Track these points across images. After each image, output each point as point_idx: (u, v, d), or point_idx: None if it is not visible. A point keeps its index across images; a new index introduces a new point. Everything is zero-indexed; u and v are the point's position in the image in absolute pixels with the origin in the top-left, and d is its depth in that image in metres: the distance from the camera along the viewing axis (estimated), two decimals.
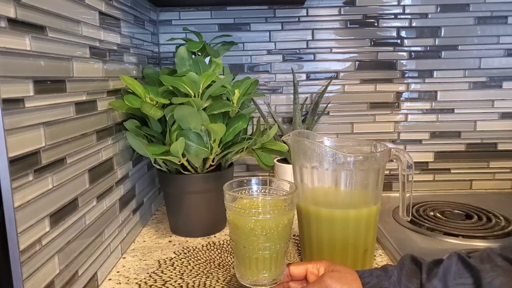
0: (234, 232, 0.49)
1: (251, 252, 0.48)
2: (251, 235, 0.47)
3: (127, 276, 0.62)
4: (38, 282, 0.43)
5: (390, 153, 0.60)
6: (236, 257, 0.50)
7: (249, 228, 0.47)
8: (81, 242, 0.53)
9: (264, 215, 0.47)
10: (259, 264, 0.48)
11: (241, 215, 0.47)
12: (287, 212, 0.48)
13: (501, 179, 1.03)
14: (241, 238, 0.48)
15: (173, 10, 0.97)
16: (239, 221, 0.48)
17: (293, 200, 0.49)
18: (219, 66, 0.76)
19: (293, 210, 0.49)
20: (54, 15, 0.47)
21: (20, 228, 0.40)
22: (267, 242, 0.47)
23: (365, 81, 0.99)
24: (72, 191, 0.51)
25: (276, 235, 0.47)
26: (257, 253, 0.47)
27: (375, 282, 0.45)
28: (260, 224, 0.47)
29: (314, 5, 0.97)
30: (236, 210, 0.48)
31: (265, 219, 0.47)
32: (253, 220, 0.47)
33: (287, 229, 0.49)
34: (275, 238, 0.47)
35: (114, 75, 0.66)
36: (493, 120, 1.00)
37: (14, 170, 0.39)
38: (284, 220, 0.48)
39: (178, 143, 0.65)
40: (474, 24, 0.97)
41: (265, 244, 0.47)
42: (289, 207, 0.48)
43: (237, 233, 0.48)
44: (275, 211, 0.47)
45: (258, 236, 0.47)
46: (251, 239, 0.47)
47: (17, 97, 0.40)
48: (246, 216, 0.47)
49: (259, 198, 0.52)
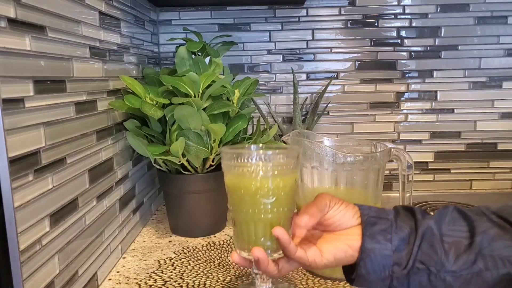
0: (235, 196, 0.45)
1: (255, 216, 0.44)
2: (256, 196, 0.43)
3: (127, 276, 0.62)
4: (38, 282, 0.43)
5: (390, 153, 0.60)
6: (237, 226, 0.46)
7: (255, 188, 0.43)
8: (81, 242, 0.53)
9: (273, 172, 0.43)
10: (263, 230, 0.44)
11: (246, 175, 0.43)
12: (295, 170, 0.45)
13: (501, 179, 1.03)
14: (244, 202, 0.44)
15: (173, 10, 0.97)
16: (242, 182, 0.44)
17: (300, 157, 0.45)
18: (219, 66, 0.76)
19: (298, 170, 0.46)
20: (54, 15, 0.47)
21: (20, 228, 0.40)
22: (274, 205, 0.43)
23: (365, 81, 0.99)
24: (72, 191, 0.51)
25: (283, 196, 0.44)
26: (260, 217, 0.44)
27: (374, 214, 0.44)
28: (267, 182, 0.43)
29: (314, 5, 0.97)
30: (240, 170, 0.44)
31: (274, 177, 0.43)
32: (259, 178, 0.43)
33: (293, 191, 0.45)
34: (283, 199, 0.44)
35: (114, 75, 0.66)
36: (493, 120, 1.00)
37: (14, 170, 0.39)
38: (292, 179, 0.45)
39: (178, 143, 0.65)
40: (474, 24, 0.97)
41: (271, 207, 0.43)
42: (296, 165, 0.45)
43: (240, 196, 0.44)
44: (284, 168, 0.44)
45: (264, 196, 0.43)
46: (255, 202, 0.43)
47: (17, 97, 0.40)
48: (252, 175, 0.43)
49: (268, 152, 0.45)
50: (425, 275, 0.40)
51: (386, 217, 0.44)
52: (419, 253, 0.41)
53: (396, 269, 0.41)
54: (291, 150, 0.46)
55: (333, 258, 0.43)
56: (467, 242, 0.40)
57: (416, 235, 0.42)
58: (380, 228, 0.42)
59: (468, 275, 0.39)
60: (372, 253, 0.41)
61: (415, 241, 0.41)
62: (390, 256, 0.41)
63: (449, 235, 0.41)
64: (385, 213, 0.44)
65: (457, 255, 0.40)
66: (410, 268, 0.40)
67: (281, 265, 0.45)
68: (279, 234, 0.41)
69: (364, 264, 0.42)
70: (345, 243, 0.43)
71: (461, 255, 0.40)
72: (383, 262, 0.41)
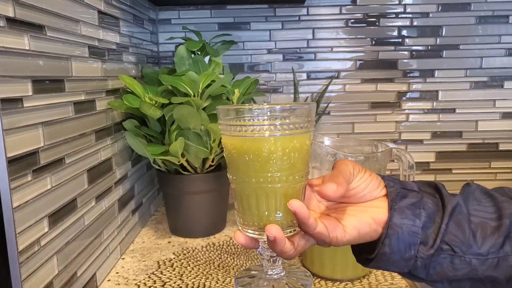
0: (237, 162, 0.38)
1: (263, 187, 0.37)
2: (263, 162, 0.36)
3: (126, 277, 0.62)
4: (37, 283, 0.43)
5: (391, 153, 0.60)
6: (240, 200, 0.39)
7: (261, 151, 0.36)
8: (80, 242, 0.53)
9: (282, 131, 0.36)
10: (273, 202, 0.38)
11: (248, 136, 0.36)
12: (308, 129, 0.38)
13: (503, 179, 1.03)
14: (248, 169, 0.37)
15: (172, 9, 0.97)
16: (245, 144, 0.37)
17: (313, 115, 0.39)
18: (218, 65, 0.76)
19: (312, 129, 0.39)
20: (53, 14, 0.47)
21: (19, 229, 0.40)
22: (285, 172, 0.37)
23: (366, 80, 0.99)
24: (71, 191, 0.51)
25: (296, 161, 0.37)
26: (269, 187, 0.37)
27: (401, 186, 0.39)
28: (275, 144, 0.36)
29: (315, 4, 0.96)
30: (240, 130, 0.37)
31: (284, 138, 0.36)
32: (265, 140, 0.36)
33: (307, 155, 0.39)
34: (295, 165, 0.37)
35: (113, 74, 0.66)
36: (495, 120, 1.00)
37: (13, 170, 0.39)
38: (305, 140, 0.38)
39: (177, 143, 0.64)
40: (476, 23, 0.96)
41: (281, 174, 0.37)
42: (310, 123, 0.38)
43: (242, 163, 0.37)
44: (296, 126, 0.37)
45: (273, 162, 0.36)
46: (262, 169, 0.36)
47: (16, 96, 0.40)
48: (255, 136, 0.36)
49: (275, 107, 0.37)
50: (448, 257, 0.37)
51: (414, 189, 0.39)
52: (446, 233, 0.37)
53: (421, 248, 0.37)
54: (303, 106, 0.39)
55: (357, 233, 0.38)
56: (495, 224, 0.37)
57: (444, 212, 0.38)
58: (409, 201, 0.38)
59: (495, 259, 0.36)
60: (400, 229, 0.37)
61: (443, 219, 0.37)
62: (418, 234, 0.37)
63: (475, 215, 0.38)
64: (410, 186, 0.40)
65: (484, 237, 0.37)
66: (436, 248, 0.37)
67: (297, 242, 0.38)
68: (296, 208, 0.35)
69: (389, 241, 0.37)
70: (370, 215, 0.38)
71: (488, 238, 0.37)
72: (410, 239, 0.37)
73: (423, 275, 0.38)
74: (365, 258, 0.40)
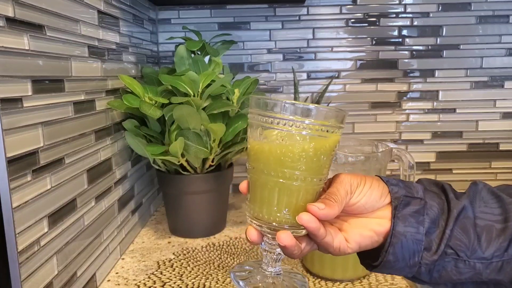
0: (258, 154, 0.38)
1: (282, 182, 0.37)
2: (299, 158, 0.36)
3: (126, 277, 0.62)
4: (37, 283, 0.43)
5: (392, 153, 0.60)
6: (255, 190, 0.39)
7: (300, 148, 0.36)
8: (80, 243, 0.53)
9: (313, 132, 0.36)
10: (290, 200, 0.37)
11: (291, 129, 0.36)
12: (337, 134, 0.38)
13: (503, 179, 1.03)
14: (269, 162, 0.37)
15: (172, 9, 0.97)
16: (289, 137, 0.36)
17: (344, 122, 0.39)
18: (218, 65, 0.76)
19: (340, 135, 0.39)
20: (53, 14, 0.47)
21: (19, 229, 0.40)
22: (311, 170, 0.37)
23: (366, 80, 0.99)
24: (71, 191, 0.51)
25: (325, 162, 0.37)
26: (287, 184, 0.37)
27: (404, 193, 0.39)
28: (315, 143, 0.36)
29: (315, 3, 0.96)
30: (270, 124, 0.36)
31: (312, 138, 0.36)
32: (308, 138, 0.36)
33: (330, 158, 0.39)
34: (323, 166, 0.37)
35: (113, 74, 0.66)
36: (495, 120, 1.00)
37: (12, 170, 0.39)
38: (336, 144, 0.39)
39: (177, 143, 0.64)
40: (476, 23, 0.96)
41: (309, 172, 0.37)
42: (339, 129, 0.38)
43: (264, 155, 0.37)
44: (336, 129, 0.37)
45: (307, 159, 0.36)
46: (292, 164, 0.36)
47: (15, 96, 0.40)
48: (296, 130, 0.36)
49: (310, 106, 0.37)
50: (452, 260, 0.37)
51: (417, 195, 0.39)
52: (450, 238, 0.37)
53: (425, 254, 0.37)
54: (337, 111, 0.38)
55: (358, 247, 0.39)
56: (500, 227, 0.37)
57: (449, 217, 0.37)
58: (412, 209, 0.38)
59: (499, 262, 0.36)
60: (404, 237, 0.37)
61: (448, 224, 0.37)
62: (421, 241, 0.37)
63: (481, 218, 0.38)
64: (415, 189, 0.39)
65: (488, 240, 0.37)
66: (441, 253, 0.37)
67: (303, 246, 0.39)
68: (305, 223, 0.35)
69: (393, 249, 0.37)
70: (372, 228, 0.39)
71: (493, 241, 0.37)
72: (414, 247, 0.37)
73: (426, 279, 0.38)
74: (369, 263, 0.41)
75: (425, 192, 0.40)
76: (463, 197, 0.39)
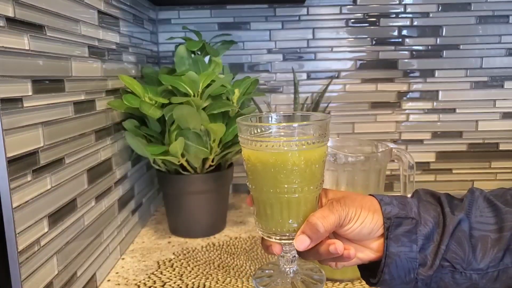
0: (255, 173, 0.40)
1: (279, 197, 0.39)
2: (292, 172, 0.38)
3: (126, 277, 0.62)
4: (37, 283, 0.43)
5: (392, 153, 0.60)
6: (259, 206, 0.42)
7: (291, 163, 0.38)
8: (80, 243, 0.53)
9: (300, 146, 0.38)
10: (291, 211, 0.40)
11: (266, 150, 0.38)
12: (327, 140, 0.41)
13: (503, 179, 1.03)
14: (265, 180, 0.39)
15: (172, 9, 0.97)
16: (263, 157, 0.38)
17: (328, 127, 0.41)
18: (218, 65, 0.76)
19: (327, 141, 0.42)
20: (53, 14, 0.47)
21: (19, 229, 0.40)
22: (300, 183, 0.39)
23: (366, 80, 0.99)
24: (71, 191, 0.51)
25: (318, 170, 0.39)
26: (286, 197, 0.39)
27: (396, 212, 0.40)
28: (304, 156, 0.38)
29: (315, 3, 0.96)
30: (258, 145, 0.38)
31: (300, 152, 0.38)
32: (296, 153, 0.38)
33: (322, 165, 0.41)
34: (317, 173, 0.39)
35: (113, 74, 0.66)
36: (495, 120, 1.00)
37: (13, 170, 0.39)
38: (325, 151, 0.40)
39: (177, 143, 0.64)
40: (476, 23, 0.96)
41: (297, 186, 0.39)
42: (324, 136, 0.40)
43: (260, 174, 0.39)
44: (321, 138, 0.39)
45: (300, 172, 0.38)
46: (278, 180, 0.38)
47: (16, 96, 0.40)
48: (284, 149, 0.38)
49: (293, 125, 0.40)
50: (449, 272, 0.38)
51: (410, 213, 0.40)
52: (446, 252, 0.38)
53: (421, 270, 0.38)
54: (320, 122, 0.40)
55: (355, 265, 0.43)
56: (495, 237, 0.38)
57: (444, 232, 0.38)
58: (404, 229, 0.39)
59: (495, 272, 0.37)
60: (397, 257, 0.39)
61: (443, 239, 0.38)
62: (416, 259, 0.38)
63: (476, 229, 0.39)
64: (409, 206, 0.40)
65: (484, 251, 0.38)
66: (436, 267, 0.38)
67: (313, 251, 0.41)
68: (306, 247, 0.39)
69: (388, 269, 0.39)
70: (364, 257, 0.41)
71: (488, 252, 0.37)
72: (408, 265, 0.39)
73: None
74: (368, 280, 0.43)
75: (420, 207, 0.41)
76: (459, 209, 0.40)
